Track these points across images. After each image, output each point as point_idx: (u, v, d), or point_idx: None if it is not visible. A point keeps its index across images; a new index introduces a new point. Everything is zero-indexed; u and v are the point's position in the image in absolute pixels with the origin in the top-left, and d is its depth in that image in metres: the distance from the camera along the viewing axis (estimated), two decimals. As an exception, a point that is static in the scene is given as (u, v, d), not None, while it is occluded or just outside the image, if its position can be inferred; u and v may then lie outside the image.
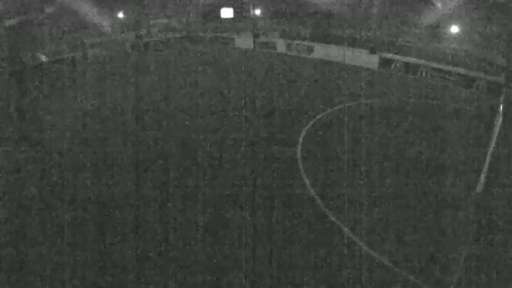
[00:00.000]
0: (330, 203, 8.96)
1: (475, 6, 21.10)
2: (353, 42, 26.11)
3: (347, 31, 28.00)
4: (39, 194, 9.40)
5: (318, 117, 14.62)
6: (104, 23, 29.77)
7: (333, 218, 8.38)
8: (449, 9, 22.27)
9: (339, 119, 14.54)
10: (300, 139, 12.57)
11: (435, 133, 13.18)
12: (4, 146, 12.32)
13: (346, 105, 16.09)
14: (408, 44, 24.36)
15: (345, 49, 25.27)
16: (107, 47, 28.00)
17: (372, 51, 23.85)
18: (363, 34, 26.10)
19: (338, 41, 27.15)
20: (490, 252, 7.33)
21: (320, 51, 26.81)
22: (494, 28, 20.42)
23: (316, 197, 9.21)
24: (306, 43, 28.24)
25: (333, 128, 13.73)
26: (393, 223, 8.27)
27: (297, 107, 15.82)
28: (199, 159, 11.20)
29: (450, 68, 20.36)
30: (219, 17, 34.80)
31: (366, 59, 23.88)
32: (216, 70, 23.03)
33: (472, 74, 19.26)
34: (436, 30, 23.68)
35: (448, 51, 22.33)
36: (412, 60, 22.16)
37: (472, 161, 10.76)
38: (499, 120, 9.17)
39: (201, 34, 34.63)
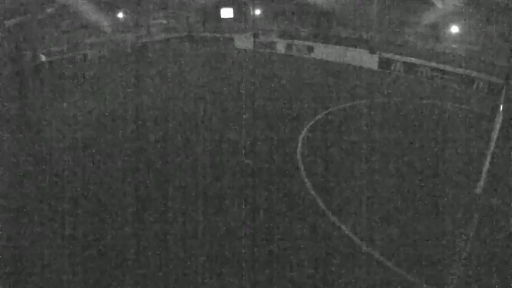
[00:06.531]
0: (330, 203, 8.97)
1: (475, 6, 21.09)
2: (353, 42, 26.08)
3: (347, 31, 27.98)
4: (39, 194, 9.41)
5: (318, 117, 14.62)
6: (104, 23, 29.74)
7: (333, 218, 8.38)
8: (449, 9, 22.27)
9: (339, 119, 14.55)
10: (300, 139, 12.57)
11: (435, 133, 13.18)
12: (4, 145, 12.32)
13: (346, 105, 16.09)
14: (408, 44, 24.33)
15: (345, 49, 25.26)
16: (107, 47, 27.98)
17: (372, 51, 23.83)
18: (363, 34, 26.08)
19: (338, 41, 27.13)
20: (490, 252, 7.34)
21: (320, 51, 26.79)
22: (494, 28, 20.40)
23: (316, 197, 9.21)
24: (306, 43, 28.22)
25: (333, 128, 13.74)
26: (393, 223, 8.27)
27: (297, 107, 15.82)
28: (199, 159, 11.20)
29: (450, 68, 20.35)
30: (219, 17, 34.76)
31: (366, 59, 23.87)
32: (216, 70, 23.03)
33: (472, 74, 19.25)
34: (436, 30, 23.67)
35: (447, 51, 22.31)
36: (412, 60, 22.14)
37: (472, 161, 10.77)
38: (499, 120, 9.17)
39: (201, 34, 34.61)
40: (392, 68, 22.70)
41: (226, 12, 34.29)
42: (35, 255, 7.32)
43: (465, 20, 21.65)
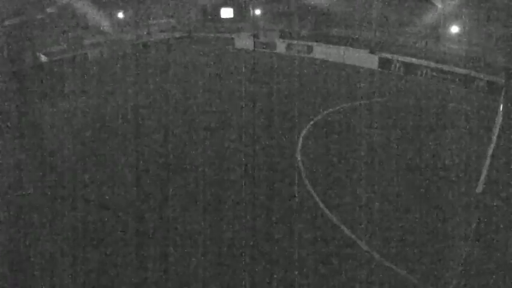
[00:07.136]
0: (330, 203, 8.96)
1: (475, 6, 21.08)
2: (353, 42, 26.07)
3: (347, 31, 27.96)
4: (39, 194, 9.40)
5: (318, 117, 14.62)
6: (104, 23, 29.72)
7: (333, 219, 8.38)
8: (449, 9, 22.27)
9: (339, 119, 14.54)
10: (300, 139, 12.57)
11: (435, 133, 13.18)
12: (4, 146, 12.32)
13: (346, 105, 16.09)
14: (408, 44, 24.32)
15: (345, 49, 25.26)
16: (107, 47, 27.97)
17: (372, 51, 23.83)
18: (363, 34, 26.07)
19: (338, 41, 27.11)
20: (490, 253, 7.33)
21: (320, 51, 26.79)
22: (494, 28, 20.39)
23: (316, 197, 9.21)
24: (306, 43, 28.21)
25: (333, 128, 13.73)
26: (393, 223, 8.27)
27: (297, 107, 15.81)
28: (199, 159, 11.20)
29: (450, 68, 20.34)
30: (219, 17, 34.76)
31: (366, 59, 23.87)
32: (216, 70, 23.02)
33: (472, 74, 19.24)
34: (436, 30, 23.67)
35: (447, 51, 22.30)
36: (412, 60, 22.13)
37: (472, 161, 10.76)
38: (499, 120, 9.17)
39: (201, 34, 34.61)
40: (392, 68, 22.70)
41: (226, 12, 34.32)
42: (35, 255, 7.31)
43: (465, 20, 21.64)
